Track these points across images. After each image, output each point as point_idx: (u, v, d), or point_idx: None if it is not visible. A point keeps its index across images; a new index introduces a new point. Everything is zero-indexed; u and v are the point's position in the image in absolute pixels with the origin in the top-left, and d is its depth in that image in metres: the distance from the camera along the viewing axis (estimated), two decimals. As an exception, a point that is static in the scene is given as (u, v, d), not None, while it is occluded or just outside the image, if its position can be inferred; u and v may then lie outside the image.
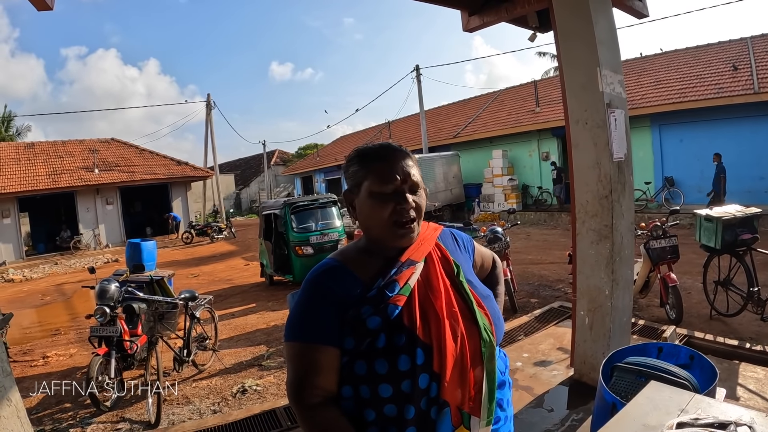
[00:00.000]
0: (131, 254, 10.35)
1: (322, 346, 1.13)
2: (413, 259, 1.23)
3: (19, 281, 15.96)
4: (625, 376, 2.15)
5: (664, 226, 5.72)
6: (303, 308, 1.19)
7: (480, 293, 1.28)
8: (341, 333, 1.14)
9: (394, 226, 1.21)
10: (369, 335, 1.12)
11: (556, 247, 11.60)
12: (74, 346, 7.02)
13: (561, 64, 3.69)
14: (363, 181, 1.24)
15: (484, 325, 1.20)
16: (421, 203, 1.26)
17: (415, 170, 1.27)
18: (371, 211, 1.23)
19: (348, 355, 1.14)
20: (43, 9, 3.37)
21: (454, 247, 1.40)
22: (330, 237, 9.33)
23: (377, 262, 1.25)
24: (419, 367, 1.10)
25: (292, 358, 1.17)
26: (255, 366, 5.36)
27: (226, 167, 48.61)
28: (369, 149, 1.30)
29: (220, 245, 20.48)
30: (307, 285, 1.22)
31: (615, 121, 3.42)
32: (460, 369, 1.13)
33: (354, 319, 1.14)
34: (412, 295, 1.18)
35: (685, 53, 17.91)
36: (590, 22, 3.37)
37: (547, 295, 7.20)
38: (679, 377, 1.98)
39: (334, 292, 1.17)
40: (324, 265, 1.26)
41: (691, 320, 5.48)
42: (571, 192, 3.71)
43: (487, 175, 19.89)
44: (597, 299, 3.56)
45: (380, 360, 1.11)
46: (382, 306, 1.14)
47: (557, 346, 4.67)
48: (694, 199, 13.77)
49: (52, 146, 26.84)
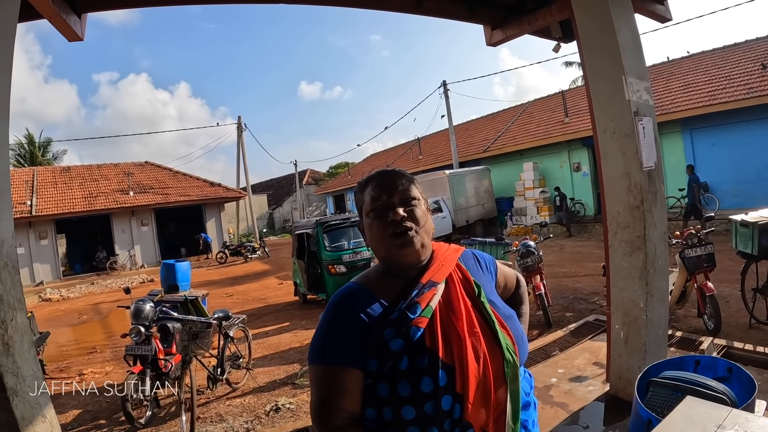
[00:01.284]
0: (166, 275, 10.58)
1: (346, 369, 1.14)
2: (434, 280, 1.24)
3: (56, 300, 16.40)
4: (660, 392, 2.10)
5: (699, 234, 5.56)
6: (326, 331, 1.21)
7: (502, 313, 1.28)
8: (364, 355, 1.15)
9: (393, 238, 1.24)
10: (392, 357, 1.13)
11: (590, 258, 11.41)
12: (110, 363, 7.17)
13: (586, 74, 3.66)
14: (362, 206, 1.33)
15: (506, 346, 1.20)
16: (417, 213, 1.28)
17: (408, 185, 1.31)
18: (371, 230, 1.29)
19: (371, 377, 1.15)
20: (74, 39, 3.52)
21: (476, 268, 1.41)
22: (362, 255, 9.34)
23: (398, 283, 1.26)
24: (442, 389, 1.10)
25: (316, 380, 1.18)
26: (288, 384, 5.37)
27: (259, 187, 49.26)
28: (365, 179, 1.37)
29: (254, 265, 20.71)
30: (330, 308, 1.24)
31: (643, 130, 3.36)
32: (483, 390, 1.13)
33: (377, 341, 1.15)
34: (434, 317, 1.18)
35: (712, 54, 17.55)
36: (613, 30, 3.35)
37: (582, 309, 7.07)
38: (717, 391, 1.93)
39: (357, 314, 1.19)
40: (346, 288, 1.28)
41: (730, 330, 5.31)
42: (602, 203, 3.66)
43: (518, 189, 19.74)
44: (632, 312, 3.48)
45: (403, 382, 1.11)
46: (404, 328, 1.15)
47: (593, 360, 4.57)
48: (729, 205, 13.39)
49: (88, 170, 27.69)
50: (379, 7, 4.19)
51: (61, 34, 3.41)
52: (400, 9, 4.22)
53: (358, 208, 1.37)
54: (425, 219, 1.29)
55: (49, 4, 2.99)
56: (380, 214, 1.26)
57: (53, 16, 3.15)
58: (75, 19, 3.41)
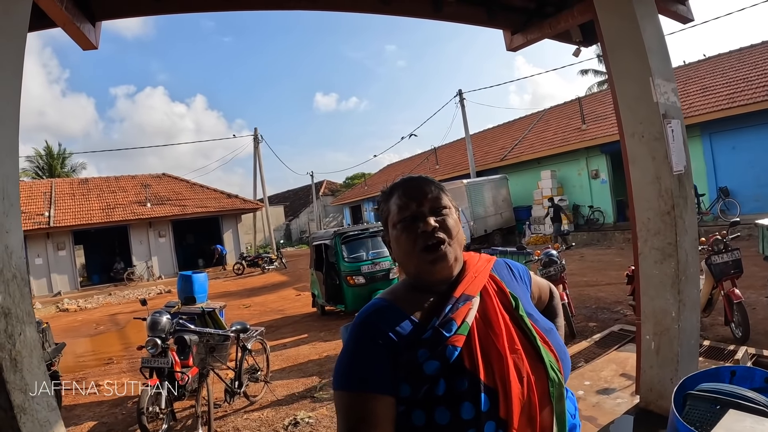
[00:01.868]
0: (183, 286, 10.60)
1: (377, 395, 1.02)
2: (468, 293, 1.14)
3: (73, 311, 16.57)
4: (699, 405, 1.99)
5: (725, 240, 5.41)
6: (352, 353, 1.09)
7: (542, 327, 1.17)
8: (395, 379, 1.03)
9: (424, 253, 1.14)
10: (427, 381, 1.02)
11: (612, 267, 11.25)
12: (126, 375, 7.16)
13: (611, 76, 3.56)
14: (388, 216, 1.22)
15: (550, 363, 1.09)
16: (449, 222, 1.17)
17: (438, 192, 1.21)
18: (398, 243, 1.18)
19: (404, 404, 1.03)
20: (89, 48, 3.49)
21: (510, 278, 1.31)
22: (381, 266, 9.29)
23: (430, 298, 1.16)
24: (484, 415, 0.99)
25: (343, 409, 1.04)
26: (307, 398, 5.28)
27: (276, 199, 49.63)
28: (389, 186, 1.27)
29: (271, 276, 20.76)
30: (355, 328, 1.12)
31: (672, 132, 3.26)
32: (528, 413, 1.02)
33: (409, 363, 1.03)
34: (471, 334, 1.07)
35: (729, 57, 17.36)
36: (638, 30, 3.26)
37: (605, 318, 6.92)
38: (758, 403, 1.81)
39: (386, 333, 1.08)
40: (373, 305, 1.17)
41: (758, 338, 5.13)
42: (630, 210, 3.54)
43: (536, 197, 19.61)
44: (663, 322, 3.36)
45: (441, 408, 1.00)
46: (439, 348, 1.04)
47: (620, 372, 4.44)
48: (751, 209, 13.15)
49: (106, 182, 28.10)
50: (399, 14, 4.13)
51: (75, 42, 3.40)
52: (420, 15, 4.16)
53: (382, 219, 1.26)
54: (457, 229, 1.19)
55: (62, 11, 2.96)
56: (409, 225, 1.16)
57: (67, 24, 3.13)
58: (89, 27, 3.39)
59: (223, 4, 3.73)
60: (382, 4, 3.88)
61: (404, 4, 4.04)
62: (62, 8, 2.96)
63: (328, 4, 3.83)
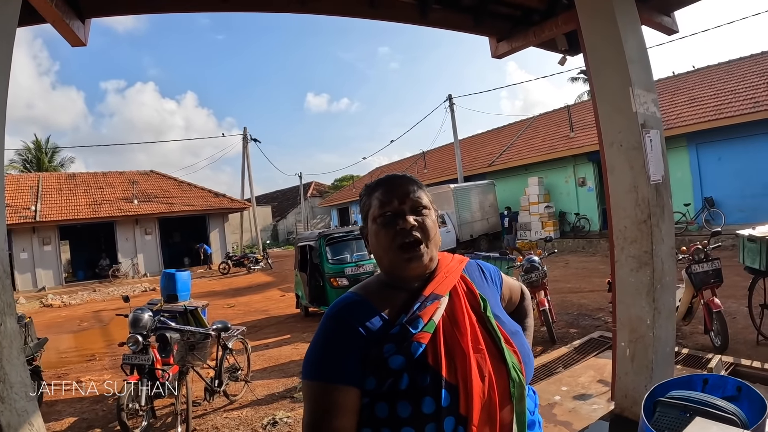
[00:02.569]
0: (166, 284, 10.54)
1: (342, 386, 1.06)
2: (437, 293, 1.17)
3: (57, 306, 16.45)
4: (668, 412, 2.02)
5: (706, 249, 5.48)
6: (322, 345, 1.12)
7: (508, 329, 1.20)
8: (362, 372, 1.07)
9: (399, 250, 1.17)
10: (391, 375, 1.05)
11: (596, 274, 11.32)
12: (108, 372, 7.12)
13: (592, 86, 3.62)
14: (368, 210, 1.25)
15: (512, 364, 1.12)
16: (427, 223, 1.20)
17: (419, 192, 1.23)
18: (376, 238, 1.21)
19: (369, 396, 1.07)
20: (78, 45, 3.50)
21: (481, 280, 1.34)
22: (365, 269, 9.28)
23: (400, 296, 1.19)
24: (445, 410, 1.02)
25: (310, 398, 1.09)
26: (287, 398, 5.29)
27: (263, 199, 49.49)
28: (374, 181, 1.29)
29: (257, 276, 20.75)
30: (327, 320, 1.15)
31: (650, 142, 3.31)
32: (488, 411, 1.05)
33: (376, 358, 1.07)
34: (437, 332, 1.11)
35: (718, 69, 17.58)
36: (620, 41, 3.31)
37: (586, 325, 6.98)
38: (727, 412, 1.85)
39: (356, 328, 1.11)
40: (345, 299, 1.20)
41: (737, 347, 5.22)
42: (609, 218, 3.59)
43: (523, 203, 19.70)
44: (638, 329, 3.41)
45: (403, 402, 1.03)
46: (405, 344, 1.07)
47: (597, 378, 4.49)
48: (735, 220, 13.31)
49: (93, 177, 27.88)
50: (386, 18, 4.17)
51: (64, 38, 3.40)
52: (406, 20, 4.20)
53: (363, 213, 1.28)
54: (435, 230, 1.22)
55: (52, 8, 2.97)
56: (389, 222, 1.19)
57: (57, 21, 3.14)
58: (78, 24, 3.40)
59: (213, 5, 3.75)
60: (371, 8, 3.92)
61: (391, 10, 4.08)
62: (52, 5, 2.96)
63: (317, 8, 3.86)
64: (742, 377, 4.09)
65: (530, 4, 4.44)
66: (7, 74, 2.33)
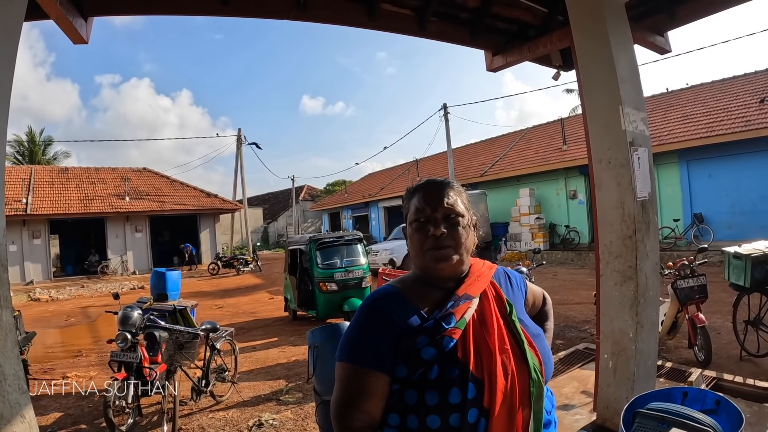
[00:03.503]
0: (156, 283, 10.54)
1: (374, 372, 1.15)
2: (469, 293, 1.26)
3: (45, 301, 16.36)
4: (646, 423, 2.07)
5: (692, 265, 5.56)
6: (359, 331, 1.22)
7: (531, 332, 1.30)
8: (394, 360, 1.16)
9: (429, 252, 1.25)
10: (422, 365, 1.14)
11: (584, 286, 11.42)
12: (95, 368, 7.11)
13: (583, 102, 3.69)
14: (407, 213, 1.35)
15: (534, 365, 1.21)
16: (459, 230, 1.28)
17: (455, 200, 1.31)
18: (411, 240, 1.31)
19: (399, 384, 1.15)
20: (79, 42, 3.53)
21: (507, 286, 1.42)
22: (355, 274, 9.26)
23: (434, 293, 1.28)
24: (470, 402, 1.11)
25: (344, 378, 1.19)
26: (273, 400, 5.31)
27: (255, 201, 49.36)
28: (414, 186, 1.40)
29: (246, 278, 20.74)
30: (365, 309, 1.25)
31: (638, 160, 3.38)
32: (509, 407, 1.14)
33: (409, 348, 1.16)
34: (467, 330, 1.20)
35: (711, 87, 17.78)
36: (612, 60, 3.37)
37: (572, 337, 7.04)
38: (703, 424, 1.90)
39: (392, 318, 1.21)
40: (383, 291, 1.30)
41: (721, 362, 5.31)
42: (595, 233, 3.66)
43: (514, 214, 19.83)
44: (621, 342, 3.47)
45: (431, 391, 1.12)
46: (438, 337, 1.16)
47: (581, 389, 4.55)
48: (724, 236, 13.45)
49: (86, 172, 27.75)
50: (385, 29, 4.23)
51: (66, 35, 3.43)
52: (404, 31, 4.27)
53: (404, 214, 1.38)
54: (466, 236, 1.30)
55: (56, 5, 3.00)
56: (421, 227, 1.28)
57: (60, 18, 3.16)
58: (81, 22, 3.43)
59: (213, 10, 3.79)
60: (369, 19, 3.98)
61: (390, 21, 4.14)
62: (56, 2, 2.99)
63: (316, 17, 3.91)
64: (724, 392, 4.19)
65: (526, 20, 4.51)
66: (12, 71, 2.36)
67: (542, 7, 4.41)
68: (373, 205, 32.71)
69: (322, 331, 2.04)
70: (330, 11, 3.98)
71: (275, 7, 3.80)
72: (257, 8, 3.81)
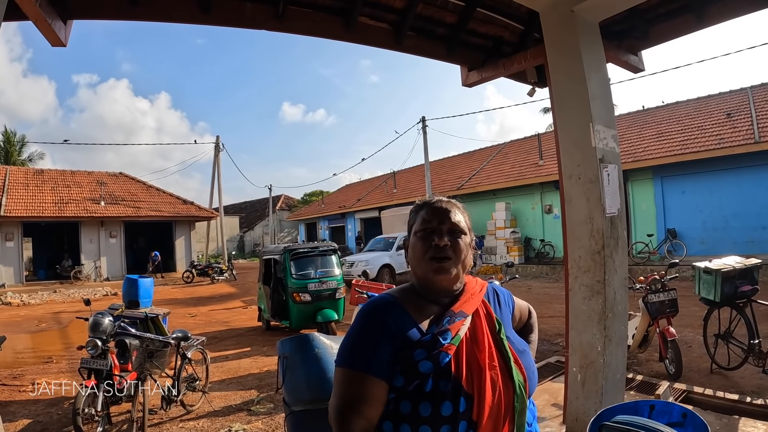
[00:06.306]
0: (128, 290, 10.37)
1: (375, 379, 1.20)
2: (464, 311, 1.32)
3: (16, 305, 16.03)
4: (613, 435, 2.11)
5: (663, 280, 5.66)
6: (359, 337, 1.28)
7: (517, 349, 1.35)
8: (392, 369, 1.21)
9: (431, 262, 1.32)
10: (419, 377, 1.19)
11: (557, 300, 11.46)
12: (65, 375, 6.95)
13: (555, 119, 3.76)
14: (412, 225, 1.42)
15: (519, 382, 1.27)
16: (460, 245, 1.35)
17: (459, 217, 1.40)
18: (413, 249, 1.37)
19: (395, 393, 1.20)
20: (57, 45, 3.50)
21: (496, 304, 1.48)
22: (328, 285, 9.17)
23: (431, 307, 1.34)
24: (460, 414, 1.17)
25: (344, 383, 1.22)
26: (244, 410, 5.26)
27: (232, 209, 49.04)
28: (422, 202, 1.47)
29: (221, 287, 20.56)
30: (364, 315, 1.30)
31: (608, 177, 3.45)
32: (495, 420, 1.20)
33: (406, 359, 1.21)
34: (460, 346, 1.25)
35: (686, 105, 18.20)
36: (583, 78, 3.44)
37: (544, 350, 7.08)
38: (669, 437, 1.94)
39: (390, 326, 1.26)
40: (382, 299, 1.36)
41: (691, 375, 5.40)
42: (564, 247, 3.72)
43: (489, 228, 20.00)
44: (589, 356, 3.52)
45: (425, 403, 1.17)
46: (434, 352, 1.21)
47: (551, 402, 4.60)
48: (696, 251, 13.73)
49: (61, 175, 27.31)
50: (361, 42, 4.28)
51: (44, 37, 3.40)
52: (381, 45, 4.32)
53: (408, 227, 1.45)
54: (465, 253, 1.37)
55: (35, 7, 2.98)
56: (426, 236, 1.35)
57: (39, 20, 3.14)
58: (60, 24, 3.40)
59: (193, 18, 3.79)
60: (346, 32, 4.03)
61: (367, 34, 4.19)
62: (36, 4, 2.98)
63: (293, 28, 3.94)
64: (694, 404, 4.27)
65: (503, 36, 4.60)
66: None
67: (519, 24, 4.50)
68: (349, 216, 32.72)
69: (291, 341, 2.05)
70: (307, 23, 4.01)
71: (254, 17, 3.82)
72: (236, 18, 3.82)
